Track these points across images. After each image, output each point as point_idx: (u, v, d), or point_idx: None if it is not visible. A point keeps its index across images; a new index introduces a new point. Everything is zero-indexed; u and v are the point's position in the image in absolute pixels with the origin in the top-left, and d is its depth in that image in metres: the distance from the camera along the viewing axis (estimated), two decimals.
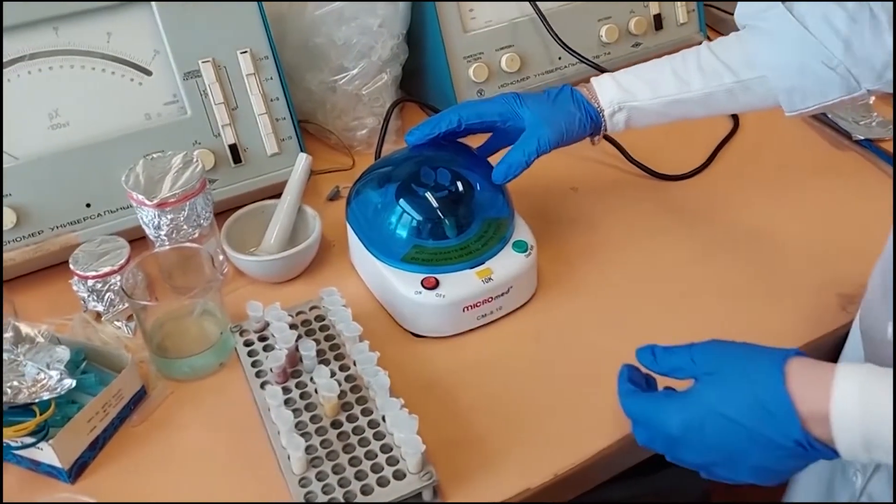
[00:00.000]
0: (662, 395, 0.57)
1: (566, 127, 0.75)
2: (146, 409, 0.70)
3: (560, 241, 0.85)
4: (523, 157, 0.74)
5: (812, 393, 0.50)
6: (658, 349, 0.58)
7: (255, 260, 0.79)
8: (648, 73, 0.76)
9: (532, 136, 0.74)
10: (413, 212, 0.74)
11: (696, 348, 0.56)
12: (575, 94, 0.76)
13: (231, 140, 0.84)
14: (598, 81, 0.76)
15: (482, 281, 0.73)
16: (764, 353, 0.54)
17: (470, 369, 0.72)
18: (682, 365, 0.56)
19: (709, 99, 0.74)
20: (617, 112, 0.75)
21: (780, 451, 0.51)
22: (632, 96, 0.75)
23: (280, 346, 0.67)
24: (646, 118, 0.76)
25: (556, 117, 0.75)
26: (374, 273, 0.76)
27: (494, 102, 0.77)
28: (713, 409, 0.53)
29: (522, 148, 0.75)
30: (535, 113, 0.75)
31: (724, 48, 0.74)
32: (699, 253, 0.83)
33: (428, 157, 0.79)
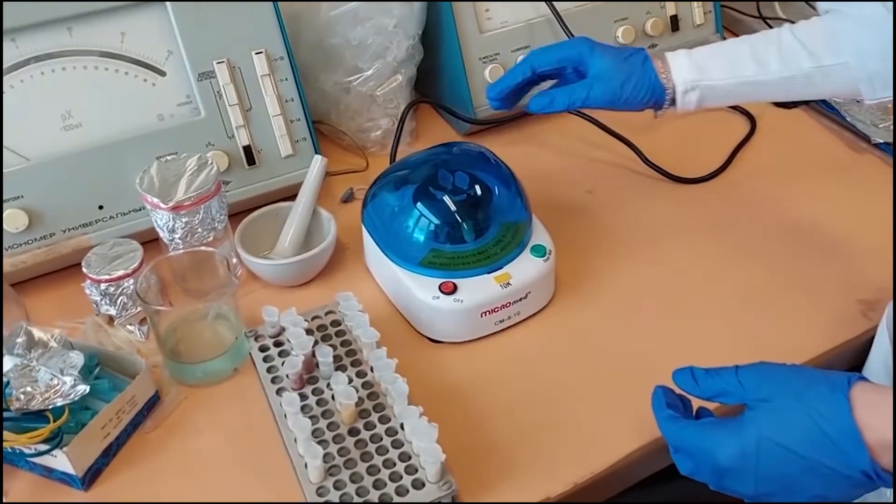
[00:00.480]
0: (710, 424, 0.54)
1: (624, 91, 0.72)
2: (160, 414, 0.69)
3: (576, 244, 0.84)
4: (567, 100, 0.73)
5: (880, 421, 0.48)
6: (698, 372, 0.56)
7: (269, 263, 0.78)
8: (725, 51, 0.73)
9: (586, 85, 0.73)
10: (431, 215, 0.73)
11: (744, 372, 0.54)
12: (647, 62, 0.73)
13: (245, 141, 0.83)
14: (673, 57, 0.73)
15: (500, 286, 0.72)
16: (823, 380, 0.52)
17: (488, 375, 0.71)
18: (729, 389, 0.54)
19: (787, 83, 0.71)
20: (689, 91, 0.73)
21: (845, 482, 0.49)
22: (706, 75, 0.72)
23: (296, 352, 0.66)
24: (718, 98, 0.74)
25: (619, 77, 0.72)
26: (391, 277, 0.75)
27: (565, 47, 0.75)
28: (770, 440, 0.51)
29: (571, 91, 0.73)
30: (601, 65, 0.73)
31: (806, 32, 0.71)
32: (717, 257, 0.82)
33: (446, 160, 0.78)
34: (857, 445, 0.48)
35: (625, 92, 0.73)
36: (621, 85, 0.72)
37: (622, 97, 0.73)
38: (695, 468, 0.54)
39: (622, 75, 0.73)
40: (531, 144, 0.99)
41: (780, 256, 0.82)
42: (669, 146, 0.96)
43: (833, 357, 0.73)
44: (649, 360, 0.72)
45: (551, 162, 0.96)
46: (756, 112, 1.02)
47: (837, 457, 0.49)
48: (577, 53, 0.74)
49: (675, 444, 0.55)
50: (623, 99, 0.73)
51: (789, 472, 0.50)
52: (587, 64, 0.74)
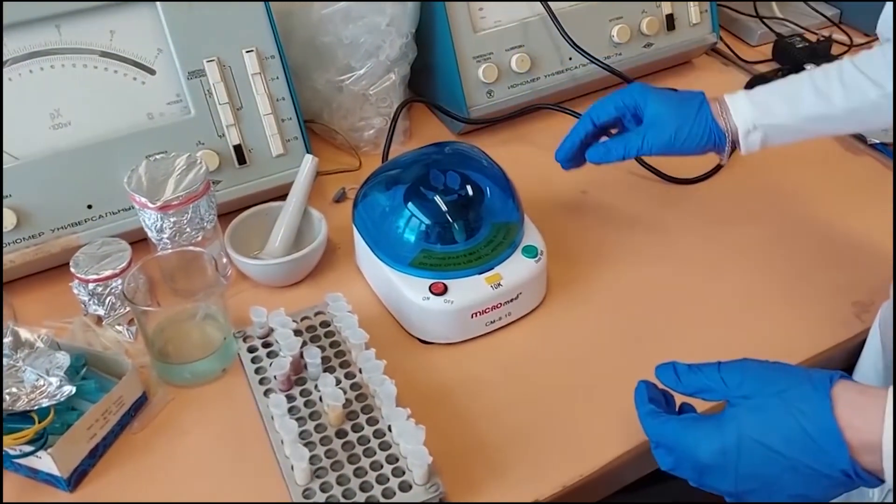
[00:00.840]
0: (691, 420, 0.54)
1: (679, 137, 0.72)
2: (147, 415, 0.68)
3: (569, 245, 0.83)
4: (622, 150, 0.74)
5: (861, 421, 0.48)
6: (681, 367, 0.56)
7: (258, 263, 0.77)
8: (785, 88, 0.72)
9: (640, 133, 0.73)
10: (422, 215, 0.72)
11: (727, 368, 0.54)
12: (704, 106, 0.72)
13: (236, 141, 0.83)
14: (732, 98, 0.72)
15: (491, 287, 0.72)
16: (805, 378, 0.51)
17: (478, 377, 0.71)
18: (712, 386, 0.54)
19: (853, 115, 0.69)
20: (752, 131, 0.71)
21: (824, 481, 0.49)
22: (768, 114, 0.71)
23: (284, 353, 0.66)
24: (783, 136, 0.72)
25: (674, 123, 0.72)
26: (381, 278, 0.75)
27: (621, 95, 0.75)
28: (752, 438, 0.50)
29: (626, 140, 0.73)
30: (656, 111, 0.73)
31: (867, 62, 0.69)
32: (711, 258, 0.82)
33: (437, 160, 0.77)
34: (838, 445, 0.48)
35: (680, 138, 0.72)
36: (676, 131, 0.72)
37: (678, 143, 0.72)
38: (675, 464, 0.54)
39: (676, 121, 0.72)
40: (526, 144, 0.98)
41: (775, 258, 0.82)
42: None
43: (825, 359, 0.73)
44: (641, 362, 0.70)
45: (546, 162, 0.94)
46: None
47: (818, 456, 0.48)
48: (632, 101, 0.74)
49: (656, 440, 0.55)
50: (679, 145, 0.72)
51: (770, 471, 0.50)
52: (642, 110, 0.74)
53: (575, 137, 0.77)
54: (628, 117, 0.76)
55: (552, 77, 0.98)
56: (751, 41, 1.15)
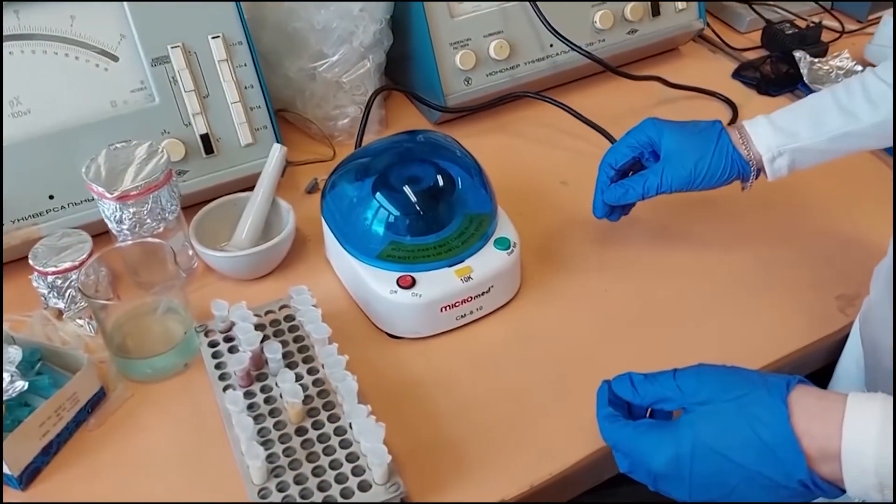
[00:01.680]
0: (647, 426, 0.52)
1: (699, 171, 0.69)
2: (105, 411, 0.66)
3: (547, 238, 0.81)
4: (640, 189, 0.71)
5: (819, 428, 0.46)
6: (637, 378, 0.53)
7: (224, 256, 0.75)
8: (808, 109, 0.69)
9: (658, 170, 0.70)
10: (390, 206, 0.70)
11: (682, 375, 0.52)
12: (723, 136, 0.69)
13: (202, 129, 0.80)
14: (752, 125, 0.69)
15: (461, 280, 0.69)
16: (761, 383, 0.49)
17: (447, 372, 0.69)
18: (668, 395, 0.52)
19: (880, 129, 0.65)
20: (777, 157, 0.68)
21: (782, 491, 0.47)
22: (792, 137, 0.67)
23: (244, 348, 0.63)
24: (811, 158, 0.68)
25: (692, 156, 0.69)
26: (349, 270, 0.73)
27: (634, 135, 0.73)
28: (706, 446, 0.48)
29: (644, 179, 0.71)
30: (672, 145, 0.70)
31: (889, 72, 0.66)
32: (694, 252, 0.79)
33: (407, 149, 0.75)
34: (795, 453, 0.46)
35: (700, 171, 0.69)
36: (695, 164, 0.69)
37: (699, 177, 0.69)
38: (631, 468, 0.52)
39: (695, 153, 0.69)
40: (505, 134, 0.96)
41: (759, 250, 0.79)
42: None
43: (807, 354, 0.71)
44: (615, 360, 0.68)
45: (526, 152, 0.93)
46: (739, 100, 0.99)
47: (774, 465, 0.46)
48: (646, 137, 0.72)
49: (612, 444, 0.54)
50: (700, 178, 0.69)
51: (725, 480, 0.48)
52: (658, 146, 0.71)
53: (600, 193, 0.74)
54: (646, 155, 0.73)
55: (532, 64, 0.96)
56: (739, 27, 1.13)
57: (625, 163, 0.73)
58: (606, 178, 0.74)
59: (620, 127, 0.91)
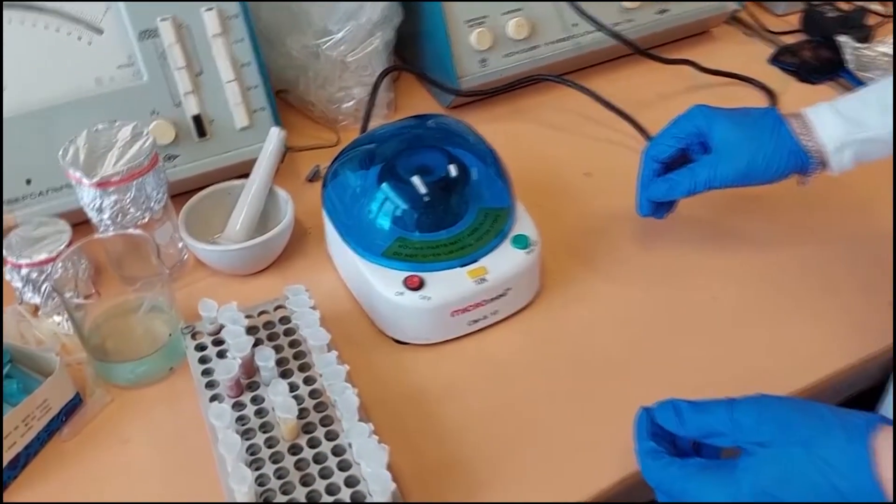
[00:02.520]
0: (697, 467, 0.46)
1: (755, 164, 0.62)
2: (80, 420, 0.60)
3: (569, 236, 0.74)
4: (688, 184, 0.64)
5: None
6: (683, 406, 0.47)
7: (216, 249, 0.69)
8: (876, 95, 0.62)
9: (710, 163, 0.63)
10: (397, 198, 0.64)
11: (740, 408, 0.45)
12: (781, 125, 0.62)
13: (194, 110, 0.74)
14: (816, 112, 0.63)
15: (474, 281, 0.63)
16: (836, 424, 0.43)
17: (457, 383, 0.62)
18: (721, 429, 0.45)
19: None
20: (843, 148, 0.62)
21: None
22: (860, 126, 0.61)
23: (233, 354, 0.57)
24: (879, 150, 0.62)
25: (747, 148, 0.62)
26: (351, 268, 0.66)
27: (680, 124, 0.66)
28: (770, 495, 0.42)
29: (693, 173, 0.64)
30: (724, 136, 0.63)
31: None
32: (731, 251, 0.72)
33: (417, 135, 0.69)
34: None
35: (757, 164, 0.62)
36: (751, 157, 0.62)
37: (755, 171, 0.62)
38: None
39: (751, 145, 0.62)
40: (523, 121, 0.89)
41: (802, 250, 0.72)
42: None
43: (859, 370, 0.64)
44: (644, 374, 0.62)
45: (545, 140, 0.86)
46: (777, 87, 0.91)
47: None
48: (694, 127, 0.65)
49: (656, 485, 0.47)
50: (757, 173, 0.62)
51: None
52: (708, 136, 0.64)
53: (643, 189, 0.68)
54: (694, 146, 0.66)
55: (554, 45, 0.89)
56: (776, 10, 1.05)
57: (670, 155, 0.66)
58: (650, 172, 0.67)
59: (648, 114, 0.85)
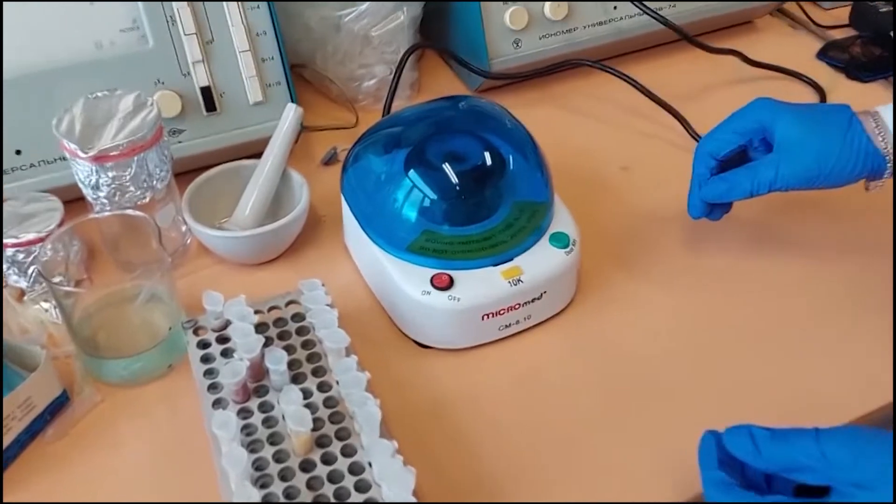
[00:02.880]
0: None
1: (825, 165, 0.56)
2: (67, 421, 0.54)
3: (605, 234, 0.68)
4: (749, 185, 0.58)
5: None
6: (760, 434, 0.41)
7: (223, 236, 0.63)
8: None
9: (773, 162, 0.57)
10: (426, 187, 0.58)
11: (831, 441, 0.40)
12: (854, 123, 0.57)
13: (204, 81, 0.67)
14: (890, 112, 0.57)
15: (509, 282, 0.57)
16: None
17: (486, 393, 0.57)
18: (807, 462, 0.40)
19: None
20: None
21: None
22: None
23: (240, 354, 0.51)
24: None
25: (816, 147, 0.57)
26: (372, 263, 0.60)
27: (741, 119, 0.60)
28: None
29: (754, 173, 0.58)
30: (790, 133, 0.57)
31: None
32: (784, 257, 0.66)
33: (449, 119, 0.63)
34: None
35: (826, 165, 0.56)
36: (820, 157, 0.56)
37: (824, 172, 0.56)
38: None
39: (820, 144, 0.57)
40: (556, 108, 0.83)
41: (866, 263, 0.65)
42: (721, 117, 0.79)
43: None
44: (692, 390, 0.57)
45: (579, 130, 0.80)
46: (825, 83, 0.85)
47: None
48: (756, 122, 0.59)
49: None
50: (826, 175, 0.57)
51: None
52: (771, 133, 0.58)
53: (697, 189, 0.62)
54: (755, 143, 0.60)
55: (592, 28, 0.82)
56: (823, 3, 0.99)
57: (729, 152, 0.60)
58: (706, 170, 0.61)
59: (689, 106, 0.79)
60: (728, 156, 0.61)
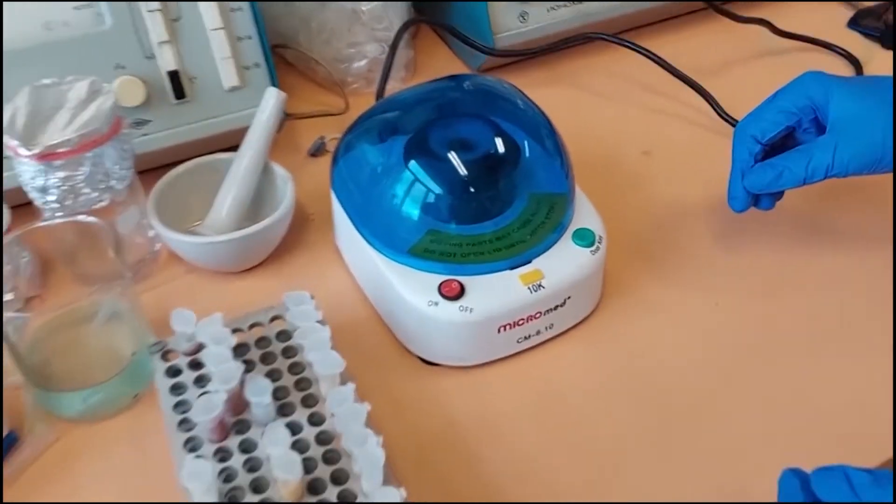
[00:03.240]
0: None
1: (890, 146, 0.49)
2: (16, 464, 0.46)
3: (630, 228, 0.61)
4: (801, 171, 0.51)
5: None
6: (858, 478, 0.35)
7: (196, 241, 0.55)
8: None
9: (828, 145, 0.50)
10: (429, 180, 0.50)
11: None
12: None
13: (171, 65, 0.59)
14: None
15: (528, 288, 0.49)
16: None
17: (505, 415, 0.49)
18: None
19: None
20: None
21: None
22: None
23: (216, 386, 0.43)
24: None
25: (878, 126, 0.49)
26: (369, 269, 0.52)
27: (790, 95, 0.53)
28: None
29: (807, 156, 0.51)
30: (847, 111, 0.50)
31: None
32: (833, 248, 0.59)
33: (453, 101, 0.55)
34: None
35: (889, 146, 0.49)
36: (885, 137, 0.49)
37: (889, 154, 0.49)
38: None
39: (882, 123, 0.49)
40: (567, 87, 0.75)
41: None
42: (751, 94, 0.71)
43: None
44: (736, 408, 0.49)
45: (594, 112, 0.73)
46: (860, 53, 0.78)
47: None
48: (806, 100, 0.52)
49: None
50: (889, 157, 0.49)
51: None
52: (824, 111, 0.51)
53: (740, 172, 0.54)
54: (805, 123, 0.53)
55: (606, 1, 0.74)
56: None
57: (776, 135, 0.53)
58: (749, 156, 0.53)
59: (714, 82, 0.71)
60: (774, 139, 0.53)
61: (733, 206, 0.55)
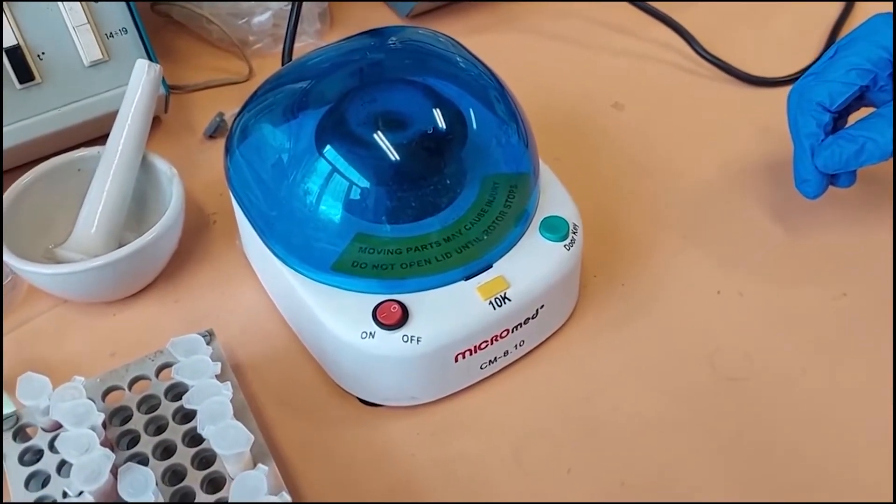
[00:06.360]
0: None
1: None
2: None
3: (603, 203, 0.50)
4: (885, 143, 0.41)
5: None
6: None
7: (57, 272, 0.42)
8: None
9: None
10: (350, 169, 0.38)
11: None
12: None
13: (11, 40, 0.46)
14: None
15: (490, 303, 0.38)
16: None
17: (471, 460, 0.39)
18: None
19: None
20: None
21: None
22: None
23: (78, 485, 0.31)
24: None
25: None
26: (284, 290, 0.41)
27: (859, 47, 0.43)
28: None
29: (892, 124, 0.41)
30: None
31: None
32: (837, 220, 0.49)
33: (375, 62, 0.43)
34: None
35: None
36: None
37: None
38: None
39: None
40: (515, 32, 0.64)
41: None
42: (733, 29, 0.62)
43: None
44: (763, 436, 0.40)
45: (549, 60, 0.61)
46: None
47: None
48: (882, 51, 0.42)
49: None
50: None
51: None
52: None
53: (807, 149, 0.43)
54: (881, 81, 0.42)
55: None
56: None
57: (848, 97, 0.43)
58: (818, 128, 0.43)
59: (689, 14, 0.60)
60: (846, 103, 0.43)
61: (805, 191, 0.44)
